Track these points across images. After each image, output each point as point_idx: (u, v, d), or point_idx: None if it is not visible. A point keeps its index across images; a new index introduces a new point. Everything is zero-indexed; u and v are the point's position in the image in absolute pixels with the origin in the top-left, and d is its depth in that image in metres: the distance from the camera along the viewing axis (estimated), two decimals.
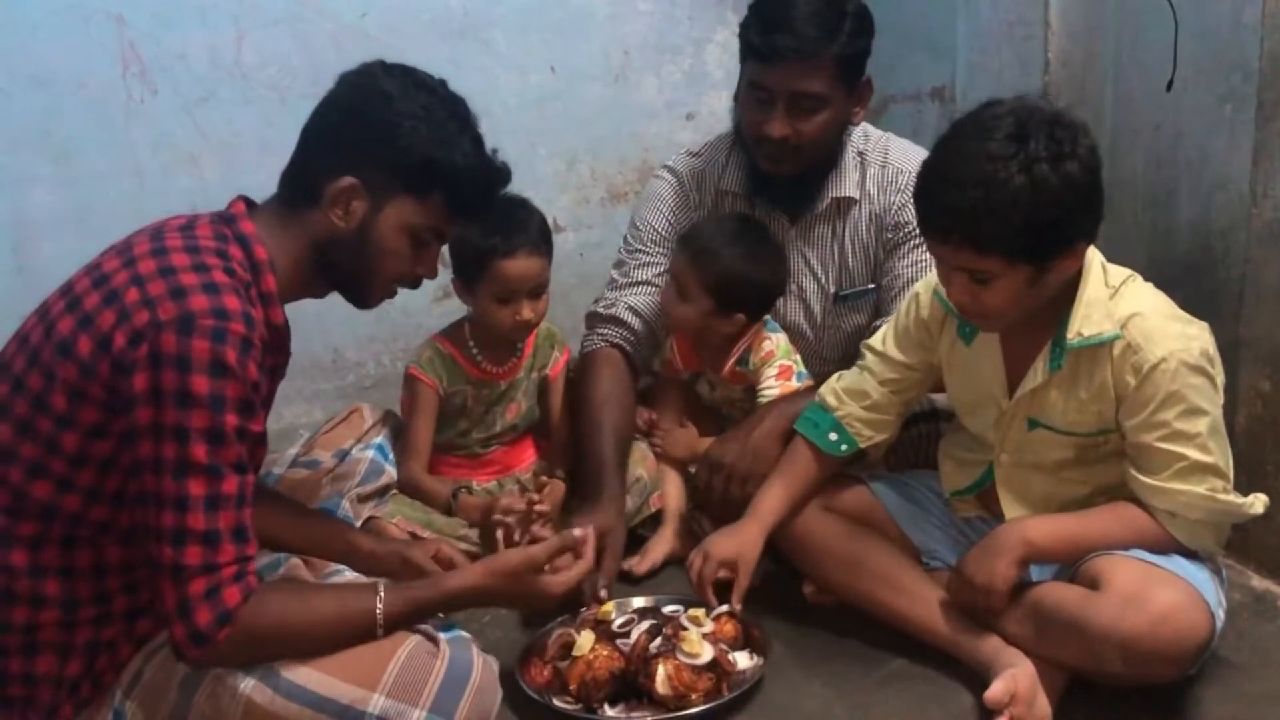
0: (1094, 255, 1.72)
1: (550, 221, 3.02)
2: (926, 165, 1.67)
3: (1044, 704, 1.68)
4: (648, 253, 2.37)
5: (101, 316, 1.44)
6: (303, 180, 1.59)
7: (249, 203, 1.62)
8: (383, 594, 1.56)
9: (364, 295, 1.67)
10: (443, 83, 1.62)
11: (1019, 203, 1.54)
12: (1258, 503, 1.72)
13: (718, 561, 1.87)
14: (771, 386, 2.27)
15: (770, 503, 1.94)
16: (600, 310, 2.37)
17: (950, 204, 1.60)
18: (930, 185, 1.65)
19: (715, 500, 2.14)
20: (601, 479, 2.12)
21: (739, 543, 1.90)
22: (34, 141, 2.57)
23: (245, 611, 1.43)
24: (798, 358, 2.33)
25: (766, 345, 2.30)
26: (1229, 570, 1.92)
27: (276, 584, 1.63)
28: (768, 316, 2.33)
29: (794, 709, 1.79)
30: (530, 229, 2.20)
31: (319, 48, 2.75)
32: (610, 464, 2.14)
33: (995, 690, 1.65)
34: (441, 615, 1.69)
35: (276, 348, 1.57)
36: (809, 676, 1.86)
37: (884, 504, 2.01)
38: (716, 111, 3.13)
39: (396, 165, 1.56)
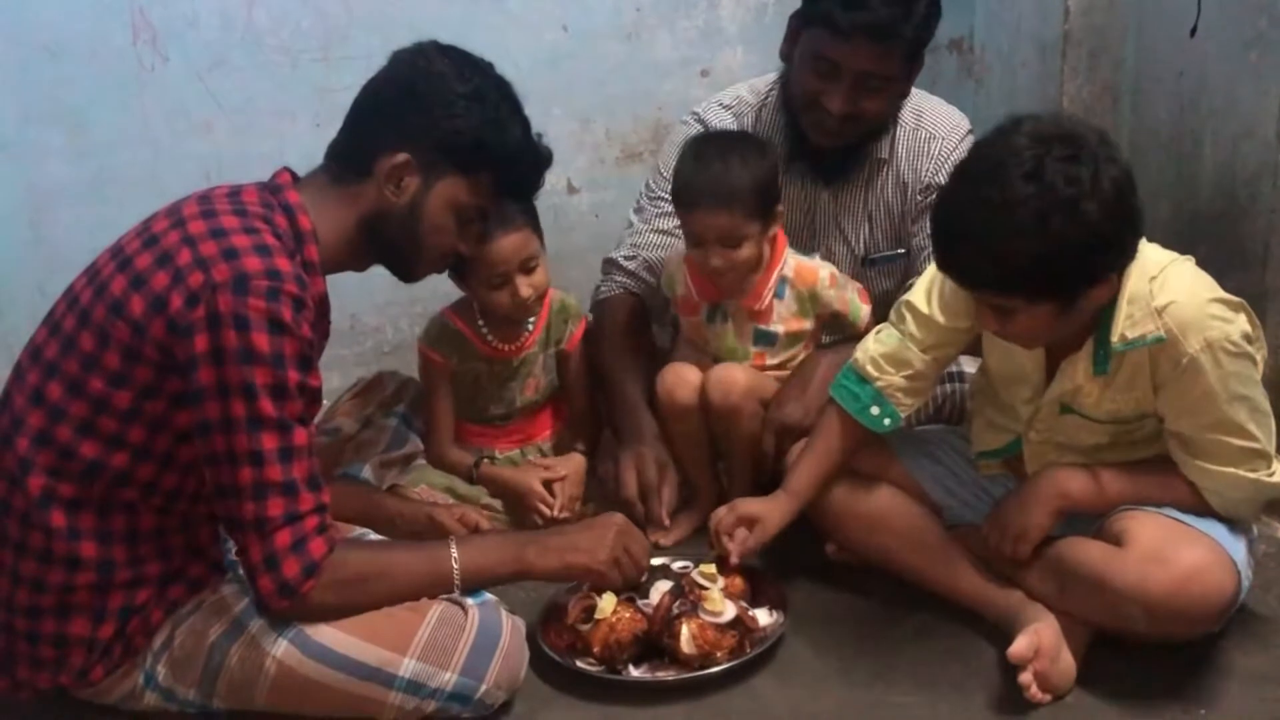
0: (1141, 247, 1.65)
1: (565, 183, 3.03)
2: (941, 205, 1.63)
3: (1068, 659, 1.68)
4: (669, 201, 2.24)
5: (154, 277, 1.46)
6: (353, 154, 1.61)
7: (294, 175, 1.63)
8: (455, 548, 1.59)
9: (411, 269, 1.70)
10: (490, 65, 1.64)
11: (1033, 254, 1.51)
12: None
13: (739, 515, 1.87)
14: (859, 308, 2.17)
15: (805, 479, 1.91)
16: (620, 260, 2.36)
17: (964, 257, 1.58)
18: (944, 234, 1.61)
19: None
20: (638, 417, 2.19)
21: (765, 507, 1.89)
22: (47, 112, 2.57)
23: (330, 563, 1.47)
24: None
25: (811, 267, 2.14)
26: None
27: (355, 539, 1.67)
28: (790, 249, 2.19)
29: (817, 665, 1.79)
30: (502, 205, 2.11)
31: (330, 11, 2.72)
32: (641, 403, 2.21)
33: (1019, 646, 1.64)
34: None
35: (319, 317, 1.58)
36: (831, 633, 1.87)
37: (904, 462, 1.99)
38: (732, 68, 3.09)
39: (449, 144, 1.58)
